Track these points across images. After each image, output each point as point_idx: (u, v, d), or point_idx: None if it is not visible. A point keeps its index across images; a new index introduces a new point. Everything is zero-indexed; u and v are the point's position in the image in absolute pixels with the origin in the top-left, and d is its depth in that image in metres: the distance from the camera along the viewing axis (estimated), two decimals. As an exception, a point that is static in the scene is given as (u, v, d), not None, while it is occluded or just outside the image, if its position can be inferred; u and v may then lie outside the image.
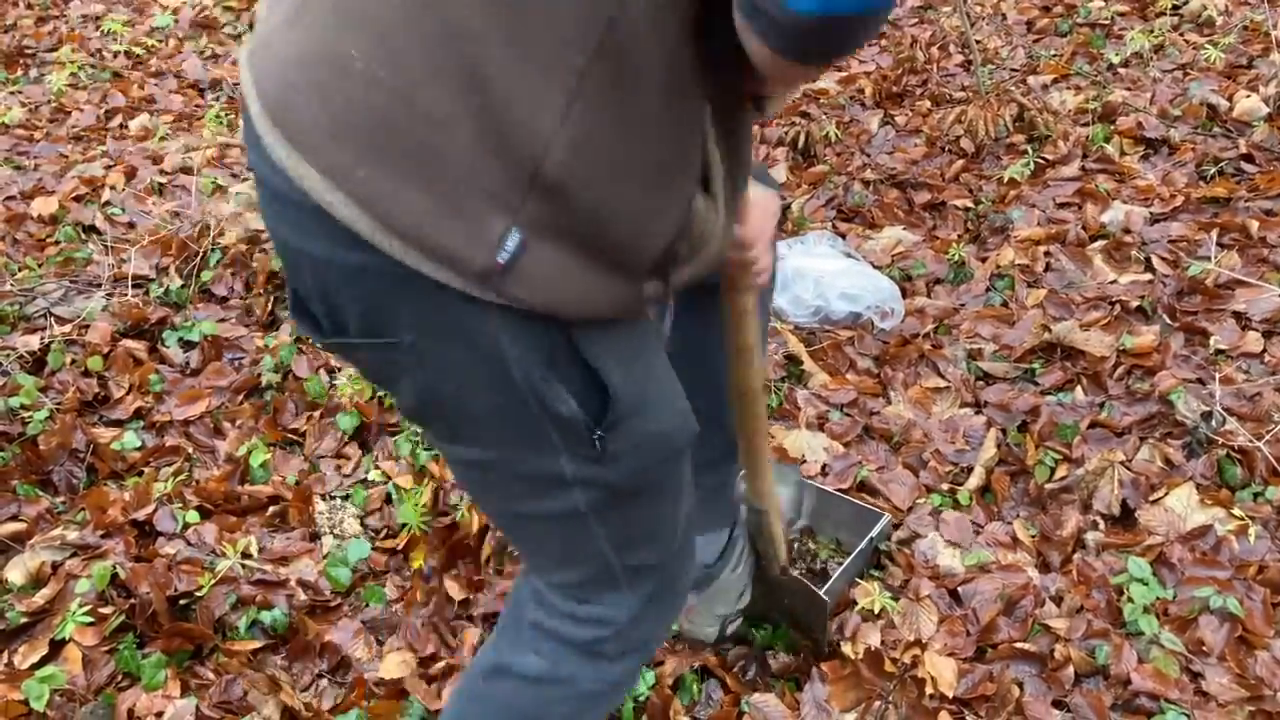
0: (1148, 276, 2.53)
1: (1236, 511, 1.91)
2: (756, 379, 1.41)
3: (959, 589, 1.85)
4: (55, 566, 1.93)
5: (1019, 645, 1.74)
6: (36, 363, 2.43)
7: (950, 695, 1.67)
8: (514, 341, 0.90)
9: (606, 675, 1.21)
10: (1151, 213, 2.74)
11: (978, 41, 3.58)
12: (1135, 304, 2.44)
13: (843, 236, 2.85)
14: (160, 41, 4.23)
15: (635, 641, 1.21)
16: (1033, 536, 1.96)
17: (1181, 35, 3.63)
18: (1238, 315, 2.37)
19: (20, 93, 3.78)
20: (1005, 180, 2.98)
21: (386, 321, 0.91)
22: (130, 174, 3.22)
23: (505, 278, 0.85)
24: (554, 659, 1.19)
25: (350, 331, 0.94)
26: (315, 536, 2.04)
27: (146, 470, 2.20)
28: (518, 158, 0.81)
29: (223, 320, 2.62)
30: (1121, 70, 3.49)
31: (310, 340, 2.44)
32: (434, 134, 0.80)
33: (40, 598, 1.86)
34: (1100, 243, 2.67)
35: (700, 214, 0.96)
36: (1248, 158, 2.93)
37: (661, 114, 0.86)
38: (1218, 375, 2.18)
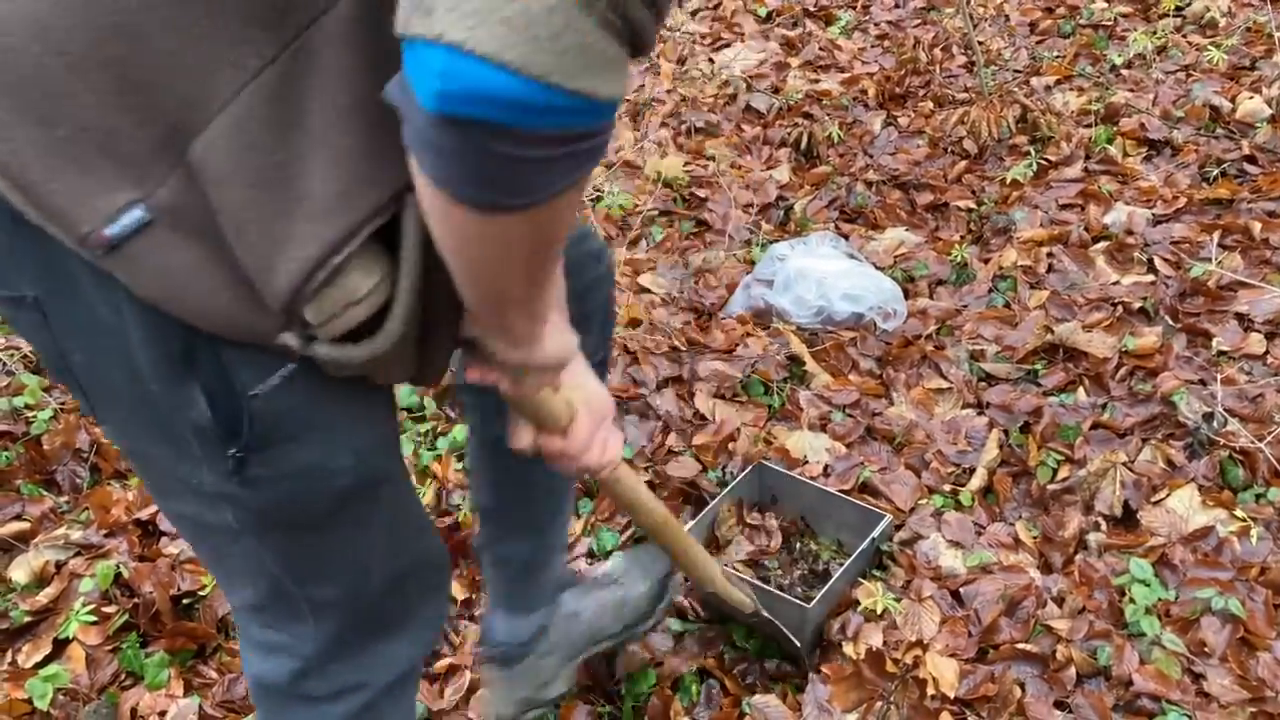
0: (1150, 278, 2.53)
1: (1238, 513, 1.91)
2: (656, 512, 1.33)
3: (961, 590, 1.85)
4: (59, 566, 1.93)
5: (1021, 646, 1.74)
6: (40, 362, 2.43)
7: (952, 696, 1.67)
8: (139, 325, 0.77)
9: (330, 717, 1.10)
10: (1154, 214, 2.74)
11: (980, 43, 3.58)
12: (1137, 305, 2.44)
13: (845, 237, 2.85)
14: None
15: (346, 681, 1.09)
16: (1034, 537, 1.96)
17: (1184, 37, 3.63)
18: (1240, 317, 2.37)
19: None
20: (1008, 181, 2.98)
21: (9, 271, 0.79)
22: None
23: (111, 255, 0.73)
24: (272, 713, 1.12)
25: None
26: (318, 536, 2.05)
27: (150, 470, 2.20)
28: (165, 126, 0.71)
29: (226, 320, 2.63)
30: (1124, 71, 3.49)
31: None
32: (66, 72, 0.70)
33: (44, 597, 1.86)
34: (1103, 244, 2.67)
35: (342, 283, 0.76)
36: (1250, 159, 2.93)
37: (331, 141, 0.73)
38: (1219, 376, 2.18)
